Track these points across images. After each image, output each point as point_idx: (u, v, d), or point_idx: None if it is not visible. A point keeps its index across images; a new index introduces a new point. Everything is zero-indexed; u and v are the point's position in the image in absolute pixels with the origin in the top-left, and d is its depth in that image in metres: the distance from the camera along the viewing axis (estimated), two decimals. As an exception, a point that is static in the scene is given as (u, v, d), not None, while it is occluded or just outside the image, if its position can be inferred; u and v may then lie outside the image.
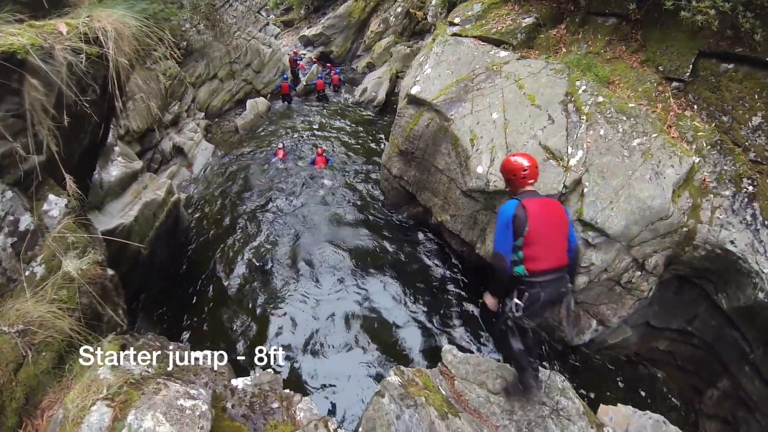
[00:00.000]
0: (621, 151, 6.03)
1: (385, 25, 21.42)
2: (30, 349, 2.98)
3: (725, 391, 5.90)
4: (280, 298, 7.81)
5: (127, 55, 4.00)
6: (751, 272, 5.30)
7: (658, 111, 6.36)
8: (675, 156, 5.81)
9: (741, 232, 5.47)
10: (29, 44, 3.24)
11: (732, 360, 5.81)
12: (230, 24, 16.64)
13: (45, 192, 3.70)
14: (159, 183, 8.33)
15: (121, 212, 7.20)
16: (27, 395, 2.93)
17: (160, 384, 2.88)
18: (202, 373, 3.66)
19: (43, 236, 3.51)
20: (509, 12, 8.74)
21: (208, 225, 9.92)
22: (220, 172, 12.30)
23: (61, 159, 3.64)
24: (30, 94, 3.29)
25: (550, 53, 7.87)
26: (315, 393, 6.08)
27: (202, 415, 2.73)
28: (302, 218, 10.00)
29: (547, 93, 6.93)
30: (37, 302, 3.14)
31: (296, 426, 3.47)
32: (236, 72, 16.52)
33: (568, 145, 6.32)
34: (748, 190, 5.65)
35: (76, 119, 3.82)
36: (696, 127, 6.12)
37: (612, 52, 7.27)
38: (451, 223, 7.85)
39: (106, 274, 3.85)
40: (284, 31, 27.73)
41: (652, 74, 6.71)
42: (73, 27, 3.66)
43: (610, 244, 5.75)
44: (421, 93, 8.23)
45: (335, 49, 23.04)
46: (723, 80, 6.11)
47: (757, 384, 5.46)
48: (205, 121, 14.45)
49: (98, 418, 2.58)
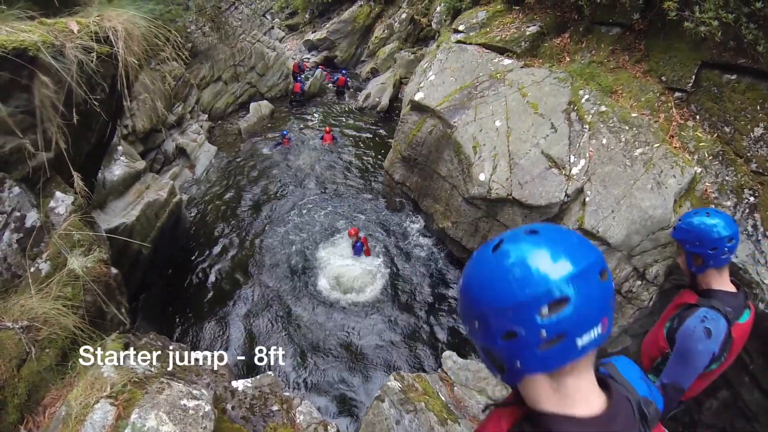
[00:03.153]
0: (623, 161, 6.06)
1: (390, 31, 21.49)
2: (33, 346, 2.99)
3: (724, 402, 5.89)
4: (281, 299, 7.81)
5: (136, 54, 4.03)
6: (751, 283, 5.31)
7: (660, 121, 6.39)
8: (677, 166, 5.83)
9: (742, 243, 5.48)
10: (40, 41, 3.26)
11: (731, 370, 5.79)
12: (235, 27, 16.70)
13: (52, 189, 3.72)
14: (161, 183, 8.35)
15: (123, 211, 7.22)
16: (29, 391, 2.93)
17: (164, 383, 2.89)
18: (203, 373, 3.66)
19: (49, 233, 3.52)
20: (513, 20, 8.79)
21: (210, 226, 9.93)
22: (222, 174, 12.33)
23: (68, 156, 3.66)
24: (40, 90, 3.31)
25: (554, 62, 7.91)
26: (315, 396, 6.09)
27: (206, 415, 2.74)
28: (304, 221, 10.01)
29: (550, 101, 6.96)
30: (41, 299, 3.15)
31: (296, 429, 3.48)
32: (240, 75, 16.55)
33: (570, 153, 6.34)
34: (750, 200, 5.67)
35: (84, 117, 3.84)
36: (698, 138, 6.15)
37: (615, 61, 7.30)
38: (452, 230, 7.87)
39: (110, 272, 3.85)
40: (289, 35, 27.79)
41: (655, 84, 6.75)
42: (84, 26, 3.68)
43: (611, 253, 5.76)
44: (424, 99, 8.26)
45: (339, 53, 23.12)
46: (725, 91, 6.14)
47: (756, 395, 5.45)
48: (208, 123, 14.47)
49: (101, 416, 2.59)
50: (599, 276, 0.92)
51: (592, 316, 0.90)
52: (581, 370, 0.97)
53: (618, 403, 1.03)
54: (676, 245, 2.51)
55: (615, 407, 1.01)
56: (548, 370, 0.95)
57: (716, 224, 2.27)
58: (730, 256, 2.31)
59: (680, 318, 2.42)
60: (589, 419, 0.97)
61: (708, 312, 2.29)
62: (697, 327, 2.26)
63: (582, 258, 0.91)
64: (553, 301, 0.87)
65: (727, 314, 2.28)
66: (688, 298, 2.49)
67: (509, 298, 0.90)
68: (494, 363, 1.02)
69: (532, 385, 1.00)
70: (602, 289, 0.91)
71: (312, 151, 13.67)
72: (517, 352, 0.93)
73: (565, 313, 0.87)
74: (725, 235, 2.25)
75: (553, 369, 0.94)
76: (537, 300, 0.88)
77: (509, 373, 0.99)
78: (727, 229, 2.26)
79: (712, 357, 2.27)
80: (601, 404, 1.01)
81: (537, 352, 0.91)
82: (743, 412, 5.60)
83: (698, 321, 2.27)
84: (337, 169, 12.62)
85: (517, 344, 0.92)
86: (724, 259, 2.32)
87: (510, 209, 6.72)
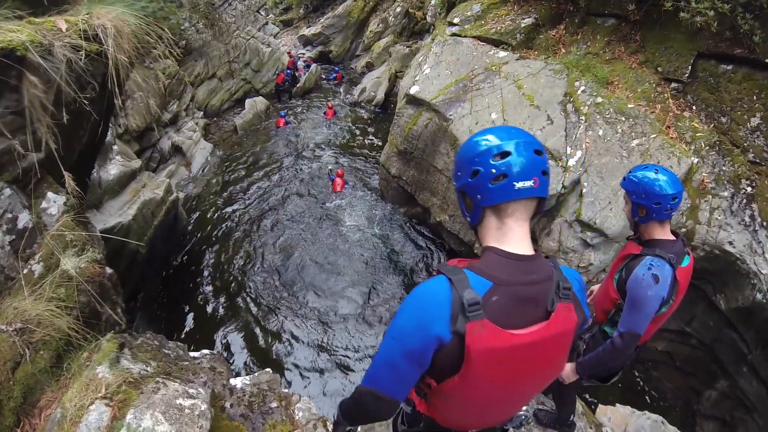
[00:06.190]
0: (620, 152, 6.04)
1: (384, 25, 21.37)
2: (28, 348, 2.97)
3: (723, 392, 5.90)
4: (279, 296, 7.81)
5: (127, 52, 3.98)
6: (749, 273, 5.31)
7: (656, 112, 6.37)
8: (673, 156, 5.82)
9: (739, 233, 5.48)
10: (29, 41, 3.22)
11: (730, 361, 5.81)
12: (229, 23, 16.60)
13: (44, 190, 3.69)
14: (157, 182, 8.32)
15: (119, 211, 7.19)
16: (25, 394, 2.91)
17: (159, 383, 2.87)
18: (200, 372, 3.64)
19: (42, 234, 3.49)
20: (508, 12, 8.74)
21: (206, 224, 9.91)
22: (218, 171, 12.29)
23: (60, 156, 3.62)
24: (29, 91, 3.27)
25: (549, 54, 7.88)
26: (314, 392, 6.08)
27: (202, 414, 2.72)
28: (301, 218, 9.99)
29: (546, 93, 6.93)
30: (35, 300, 3.12)
31: (295, 426, 3.47)
32: (235, 71, 16.47)
33: (567, 145, 6.32)
34: (747, 191, 5.67)
35: (75, 117, 3.81)
36: (695, 128, 6.14)
37: (611, 52, 7.27)
38: (449, 223, 7.85)
39: (104, 272, 3.83)
40: (283, 30, 27.64)
41: (651, 75, 6.72)
42: (73, 24, 3.64)
43: (608, 245, 5.75)
44: (420, 93, 8.22)
45: (334, 48, 22.98)
46: (722, 81, 6.12)
47: (755, 384, 5.47)
48: (203, 121, 14.40)
49: (97, 417, 2.57)
50: (534, 152, 1.31)
51: (525, 171, 1.28)
52: (518, 217, 1.36)
53: (543, 260, 1.40)
54: (623, 195, 2.64)
55: (540, 260, 1.38)
56: (497, 202, 1.33)
57: (662, 181, 2.40)
58: (672, 212, 2.47)
59: (628, 269, 2.54)
60: (516, 255, 1.34)
61: (653, 260, 2.42)
62: (645, 275, 2.38)
63: (523, 137, 1.34)
64: (500, 153, 1.30)
65: (670, 260, 2.41)
66: (633, 249, 2.61)
67: (476, 150, 1.36)
68: (466, 203, 1.45)
69: (485, 224, 1.41)
70: (535, 160, 1.30)
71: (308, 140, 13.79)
72: (478, 187, 1.34)
73: (507, 162, 1.29)
74: (670, 193, 2.38)
75: (500, 201, 1.32)
76: (491, 150, 1.32)
77: (474, 210, 1.41)
78: (672, 187, 2.39)
79: (662, 301, 2.40)
80: (530, 252, 1.37)
81: (490, 185, 1.31)
82: (742, 402, 5.61)
83: (645, 269, 2.40)
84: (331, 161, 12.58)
85: (478, 180, 1.34)
86: (667, 214, 2.47)
87: (507, 202, 6.69)
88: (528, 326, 1.32)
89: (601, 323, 2.93)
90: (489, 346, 1.26)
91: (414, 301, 1.34)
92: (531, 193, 1.30)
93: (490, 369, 1.32)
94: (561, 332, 1.38)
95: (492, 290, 1.28)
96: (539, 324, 1.34)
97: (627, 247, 2.70)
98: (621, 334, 2.46)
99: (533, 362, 1.40)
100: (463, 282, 1.27)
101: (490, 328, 1.25)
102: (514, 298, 1.30)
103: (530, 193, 1.30)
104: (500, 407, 1.60)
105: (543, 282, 1.35)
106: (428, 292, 1.32)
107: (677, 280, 2.47)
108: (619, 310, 2.64)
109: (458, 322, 1.24)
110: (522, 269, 1.33)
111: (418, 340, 1.29)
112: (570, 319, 1.38)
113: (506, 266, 1.32)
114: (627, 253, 2.65)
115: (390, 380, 1.39)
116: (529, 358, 1.36)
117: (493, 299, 1.27)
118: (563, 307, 1.36)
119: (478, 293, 1.26)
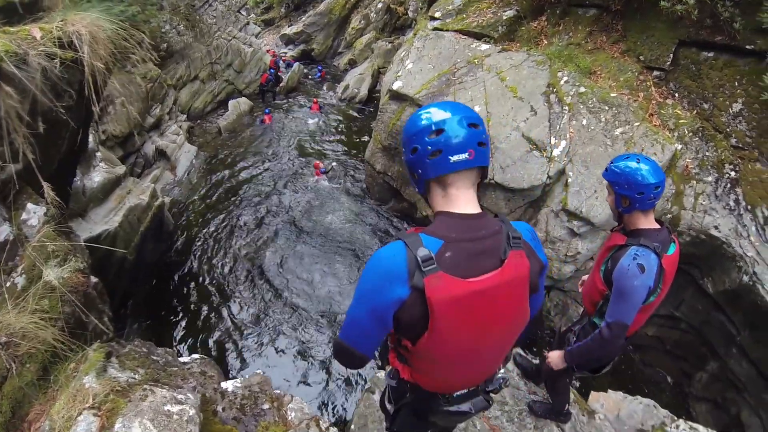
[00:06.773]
0: (604, 141, 6.08)
1: (366, 21, 21.32)
2: (14, 362, 2.93)
3: (713, 374, 5.97)
4: (268, 298, 7.78)
5: (103, 58, 3.92)
6: (735, 256, 5.37)
7: (639, 100, 6.41)
8: (657, 144, 5.86)
9: (724, 218, 5.54)
10: (3, 51, 3.16)
11: (719, 343, 5.88)
12: (210, 24, 16.47)
13: (23, 201, 3.63)
14: (143, 187, 8.24)
15: (105, 218, 7.11)
16: (13, 408, 2.87)
17: (147, 390, 2.85)
18: (190, 377, 3.62)
19: (23, 246, 3.44)
20: (490, 5, 8.75)
21: (194, 227, 9.83)
22: (204, 174, 12.19)
23: (38, 166, 3.56)
24: (4, 101, 3.21)
25: (532, 45, 7.90)
26: (306, 392, 6.07)
27: (190, 419, 2.70)
28: (288, 217, 9.95)
29: (528, 85, 6.95)
30: (19, 313, 3.07)
31: (288, 426, 3.45)
32: (217, 72, 16.32)
33: (551, 135, 6.35)
34: (731, 175, 5.72)
35: (52, 125, 3.74)
36: (677, 115, 6.18)
37: (593, 42, 7.31)
38: (437, 218, 7.86)
39: (89, 281, 3.78)
40: (265, 29, 27.43)
41: (634, 64, 6.77)
42: (47, 32, 3.58)
43: (595, 233, 5.79)
44: (403, 88, 8.20)
45: (316, 46, 22.86)
46: (703, 68, 6.17)
47: (744, 365, 5.54)
48: (187, 123, 14.26)
49: (85, 427, 2.54)
50: (468, 125, 1.40)
51: (460, 145, 1.39)
52: (460, 186, 1.47)
53: (490, 218, 1.52)
54: (606, 185, 2.63)
55: (486, 217, 1.50)
56: (435, 175, 1.45)
57: (645, 171, 2.40)
58: (655, 201, 2.46)
59: (613, 259, 2.54)
60: (463, 214, 1.47)
61: (638, 249, 2.42)
62: (630, 265, 2.39)
63: (460, 113, 1.43)
64: (435, 131, 1.41)
65: (655, 249, 2.41)
66: (618, 240, 2.61)
67: (414, 129, 1.48)
68: (413, 176, 1.56)
69: (432, 194, 1.54)
70: (469, 134, 1.40)
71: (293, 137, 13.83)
72: (418, 162, 1.47)
73: (441, 138, 1.40)
74: (652, 182, 2.37)
75: (438, 174, 1.44)
76: (427, 128, 1.43)
77: (419, 181, 1.53)
78: (654, 176, 2.38)
79: (649, 290, 2.40)
80: (477, 212, 1.49)
81: (427, 161, 1.43)
82: (733, 383, 5.68)
83: (631, 259, 2.40)
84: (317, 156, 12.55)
85: (417, 156, 1.46)
86: (650, 203, 2.46)
87: (493, 193, 6.72)
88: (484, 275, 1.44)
89: (590, 315, 2.93)
90: (448, 296, 1.39)
91: (373, 265, 1.46)
92: (467, 165, 1.42)
93: (455, 320, 1.44)
94: (516, 276, 1.49)
95: (444, 247, 1.41)
96: (494, 271, 1.45)
97: (612, 238, 2.70)
98: (608, 324, 2.47)
99: (495, 309, 1.51)
100: (417, 243, 1.40)
101: (447, 279, 1.37)
102: (466, 252, 1.43)
103: (466, 165, 1.42)
104: (476, 361, 1.69)
105: (492, 236, 1.48)
106: (385, 255, 1.45)
107: (663, 268, 2.46)
108: (606, 301, 2.64)
109: (415, 277, 1.37)
110: (471, 227, 1.46)
111: (378, 299, 1.42)
112: (522, 264, 1.50)
113: (455, 226, 1.46)
114: (612, 243, 2.65)
115: (357, 336, 1.54)
116: (490, 304, 1.48)
117: (447, 255, 1.40)
118: (515, 254, 1.48)
119: (431, 251, 1.38)
